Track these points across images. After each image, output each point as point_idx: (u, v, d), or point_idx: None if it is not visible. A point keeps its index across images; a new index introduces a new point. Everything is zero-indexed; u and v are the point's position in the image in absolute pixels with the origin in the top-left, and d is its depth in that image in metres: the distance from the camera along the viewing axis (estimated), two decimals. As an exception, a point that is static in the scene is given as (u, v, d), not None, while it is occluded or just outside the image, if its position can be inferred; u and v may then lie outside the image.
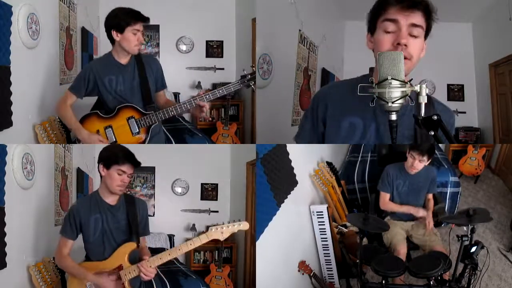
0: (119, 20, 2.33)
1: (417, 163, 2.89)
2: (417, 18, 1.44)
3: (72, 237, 2.19)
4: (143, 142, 2.45)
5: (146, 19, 2.38)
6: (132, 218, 2.22)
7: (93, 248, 2.20)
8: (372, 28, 1.54)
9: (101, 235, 2.18)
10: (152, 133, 2.46)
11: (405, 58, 1.38)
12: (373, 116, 1.56)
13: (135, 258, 2.19)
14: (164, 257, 2.11)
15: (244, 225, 2.11)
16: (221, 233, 2.11)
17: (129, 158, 2.12)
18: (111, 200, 2.20)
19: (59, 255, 2.20)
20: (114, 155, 2.12)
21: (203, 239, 2.12)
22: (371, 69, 1.66)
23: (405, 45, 1.43)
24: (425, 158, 2.86)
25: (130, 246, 2.18)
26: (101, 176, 2.19)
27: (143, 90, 2.44)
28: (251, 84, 2.44)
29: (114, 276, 2.13)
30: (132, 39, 2.34)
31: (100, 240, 2.18)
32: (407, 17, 1.43)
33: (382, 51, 1.43)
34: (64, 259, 2.18)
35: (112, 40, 2.38)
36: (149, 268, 2.10)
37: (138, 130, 2.41)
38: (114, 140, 2.42)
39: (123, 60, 2.43)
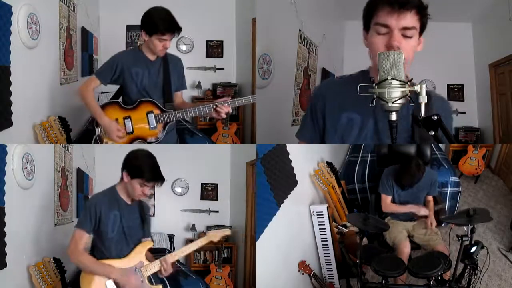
0: (150, 24, 2.36)
1: None
2: (408, 20, 1.42)
3: (89, 230, 2.13)
4: (158, 138, 2.52)
5: (176, 31, 2.39)
6: (144, 217, 2.29)
7: (111, 245, 2.17)
8: (366, 26, 1.53)
9: (120, 233, 2.19)
10: (168, 130, 2.54)
11: None
12: (372, 113, 1.56)
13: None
14: (169, 259, 2.25)
15: (226, 231, 2.41)
16: (215, 236, 2.35)
17: (155, 175, 2.15)
18: (129, 199, 2.23)
19: (75, 250, 2.10)
20: (139, 168, 2.13)
21: (203, 241, 2.33)
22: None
23: (398, 47, 1.41)
24: None
25: (149, 243, 2.27)
26: (122, 178, 2.19)
27: (165, 88, 2.52)
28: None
29: (138, 273, 2.17)
30: (158, 45, 2.39)
31: (119, 238, 2.19)
32: (398, 20, 1.41)
33: (375, 52, 1.43)
34: (82, 254, 2.11)
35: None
36: (170, 264, 2.21)
37: (155, 125, 2.49)
38: (132, 130, 2.49)
39: (151, 56, 2.49)
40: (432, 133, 1.32)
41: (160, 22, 2.34)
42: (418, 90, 1.31)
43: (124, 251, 2.20)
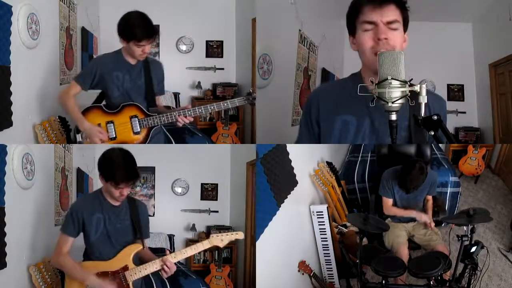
0: (126, 30, 2.33)
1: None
2: (391, 14, 1.49)
3: (73, 234, 2.15)
4: (143, 142, 2.45)
5: (152, 37, 2.35)
6: (136, 219, 2.22)
7: (95, 248, 2.17)
8: (352, 30, 1.58)
9: (104, 235, 2.16)
10: (153, 134, 2.48)
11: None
12: (367, 112, 1.57)
13: (137, 260, 2.20)
14: (178, 256, 2.18)
15: (240, 235, 2.28)
16: (221, 240, 2.24)
17: (126, 175, 2.07)
18: (114, 201, 2.18)
19: (58, 253, 2.14)
20: (110, 170, 2.06)
21: (206, 245, 2.23)
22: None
23: (386, 38, 1.47)
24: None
25: (136, 247, 2.20)
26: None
27: (148, 91, 2.47)
28: (254, 102, 2.48)
29: (117, 280, 2.11)
30: (137, 50, 2.36)
31: (103, 240, 2.16)
32: (382, 15, 1.48)
33: (365, 49, 1.50)
34: (64, 257, 2.13)
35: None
36: (173, 263, 2.12)
37: (139, 130, 2.43)
38: (114, 136, 2.42)
39: (132, 60, 2.45)
40: (432, 133, 1.33)
41: (136, 29, 2.30)
42: (418, 90, 1.31)
43: (110, 254, 2.17)
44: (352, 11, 1.56)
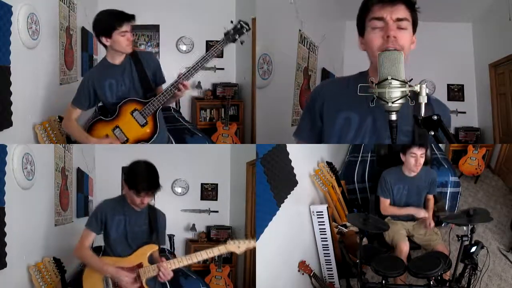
0: (104, 25, 2.31)
1: (420, 159, 2.90)
2: (401, 11, 1.48)
3: (96, 231, 2.34)
4: (155, 132, 2.43)
5: (131, 18, 2.35)
6: (154, 226, 2.40)
7: (114, 245, 2.35)
8: (361, 30, 1.57)
9: (123, 235, 2.34)
10: (159, 117, 2.45)
11: (396, 50, 1.41)
12: (370, 112, 1.56)
13: (152, 261, 2.34)
14: (184, 261, 2.30)
15: (253, 243, 2.38)
16: (238, 247, 2.37)
17: (147, 185, 2.26)
18: (136, 206, 2.35)
19: (80, 246, 2.32)
20: (133, 180, 2.26)
21: (222, 250, 2.36)
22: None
23: (394, 37, 1.46)
24: (424, 149, 2.89)
25: (152, 247, 2.36)
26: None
27: (143, 83, 2.44)
28: (236, 38, 2.46)
29: (133, 273, 2.26)
30: (122, 40, 2.33)
31: (122, 239, 2.34)
32: (391, 12, 1.47)
33: (373, 47, 1.48)
34: (86, 250, 2.31)
35: (104, 44, 2.36)
36: (168, 269, 2.25)
37: (145, 121, 2.41)
38: (126, 138, 2.43)
39: (117, 60, 2.41)
40: (432, 133, 1.32)
41: (112, 19, 2.30)
42: (418, 90, 1.31)
43: (126, 252, 2.34)
44: (362, 9, 1.55)
